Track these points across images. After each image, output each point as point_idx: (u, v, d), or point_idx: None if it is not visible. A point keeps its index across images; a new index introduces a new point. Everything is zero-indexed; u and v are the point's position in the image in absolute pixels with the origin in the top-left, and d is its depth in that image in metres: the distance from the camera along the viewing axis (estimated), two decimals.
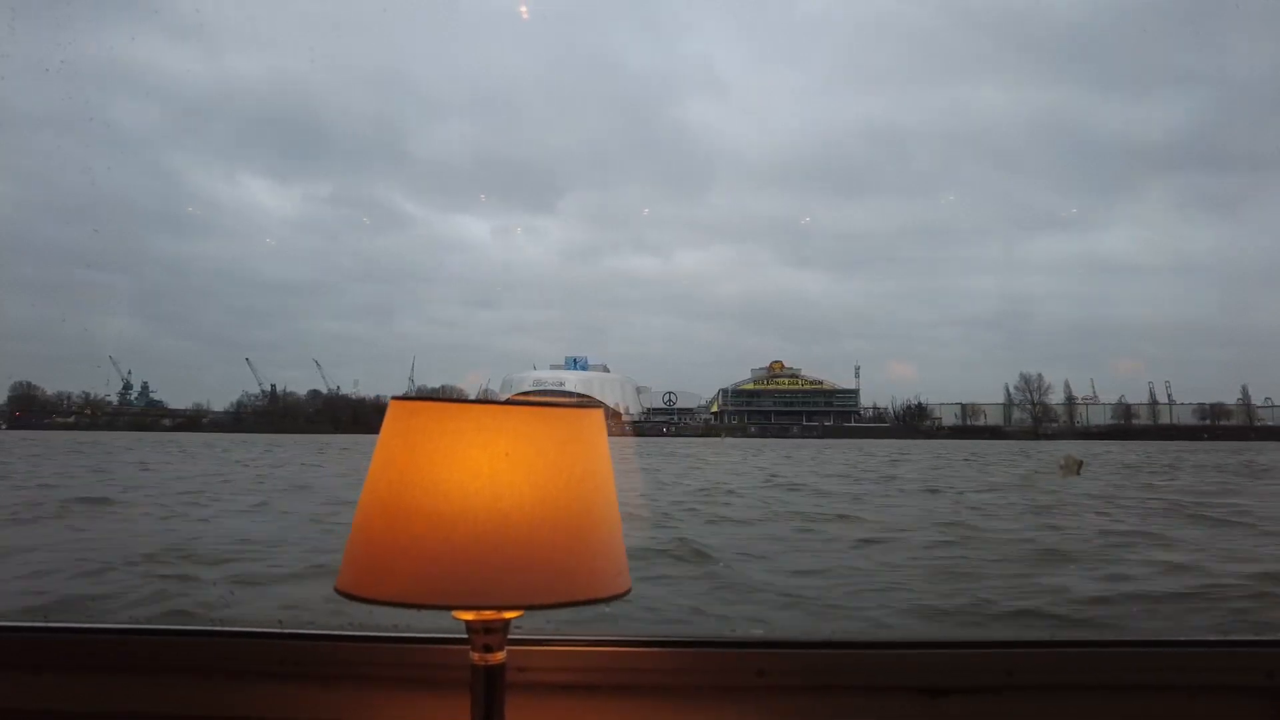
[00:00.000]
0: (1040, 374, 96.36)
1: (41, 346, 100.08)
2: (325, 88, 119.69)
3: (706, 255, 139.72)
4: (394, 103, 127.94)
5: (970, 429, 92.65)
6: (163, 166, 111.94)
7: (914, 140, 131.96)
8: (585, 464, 0.88)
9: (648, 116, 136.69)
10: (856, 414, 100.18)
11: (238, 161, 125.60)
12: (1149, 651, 1.27)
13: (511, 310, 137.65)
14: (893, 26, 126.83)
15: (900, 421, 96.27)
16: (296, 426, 76.79)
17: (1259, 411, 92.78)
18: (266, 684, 1.23)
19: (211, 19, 79.79)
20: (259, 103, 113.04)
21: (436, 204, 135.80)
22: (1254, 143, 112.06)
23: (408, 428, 0.87)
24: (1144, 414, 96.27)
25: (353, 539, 0.88)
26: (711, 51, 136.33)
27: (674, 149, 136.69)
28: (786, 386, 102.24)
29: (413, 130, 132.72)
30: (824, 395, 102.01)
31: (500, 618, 0.88)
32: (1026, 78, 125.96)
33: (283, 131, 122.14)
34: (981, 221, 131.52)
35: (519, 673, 1.18)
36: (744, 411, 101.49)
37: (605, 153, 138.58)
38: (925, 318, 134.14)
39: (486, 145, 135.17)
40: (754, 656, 1.23)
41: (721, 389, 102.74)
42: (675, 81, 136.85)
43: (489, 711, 0.90)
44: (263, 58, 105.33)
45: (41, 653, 1.27)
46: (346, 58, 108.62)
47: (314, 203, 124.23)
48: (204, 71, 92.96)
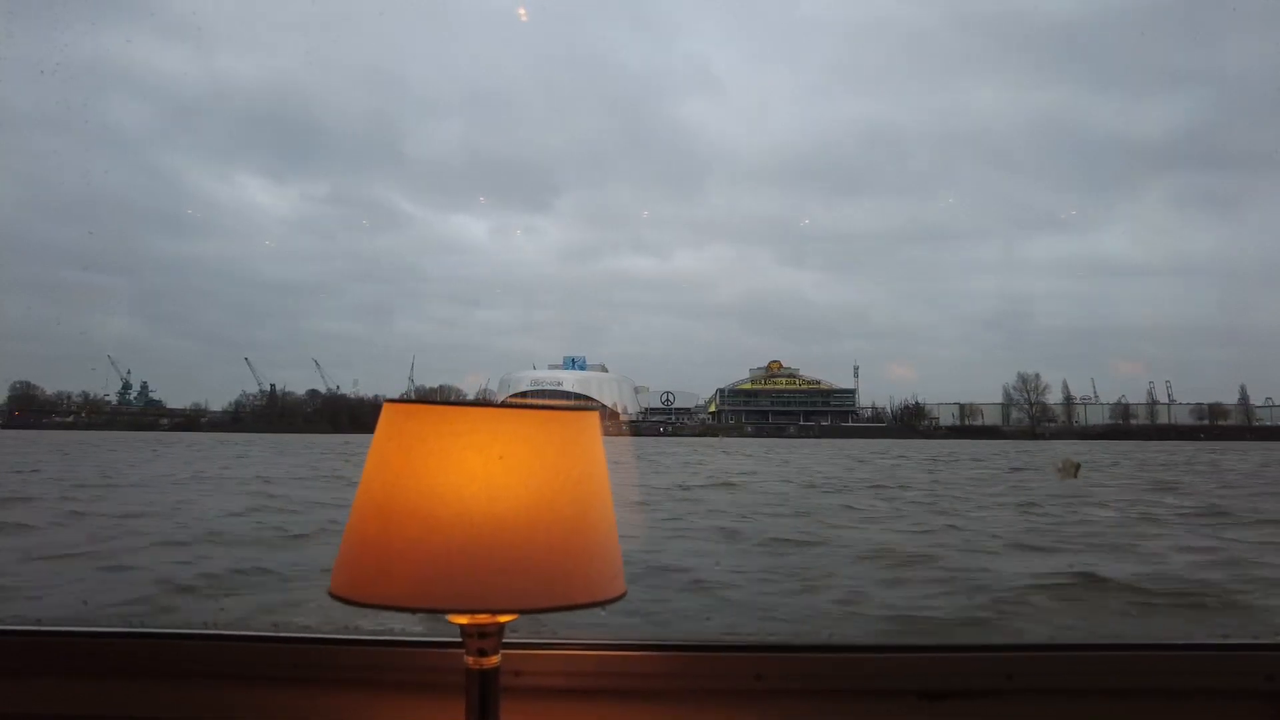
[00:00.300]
0: (1038, 374, 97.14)
1: (41, 346, 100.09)
2: (321, 87, 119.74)
3: (705, 255, 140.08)
4: (389, 102, 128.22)
5: (968, 429, 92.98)
6: (159, 166, 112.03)
7: (912, 140, 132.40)
8: (581, 467, 0.88)
9: (644, 116, 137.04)
10: (854, 414, 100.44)
11: (235, 161, 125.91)
12: (1148, 655, 1.26)
13: (511, 310, 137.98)
14: (890, 27, 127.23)
15: (898, 421, 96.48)
16: (295, 426, 76.77)
17: (1258, 411, 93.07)
18: (262, 687, 1.23)
19: (206, 19, 79.65)
20: (255, 102, 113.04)
21: (434, 204, 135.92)
22: (1252, 141, 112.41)
23: (402, 430, 0.86)
24: (1143, 414, 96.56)
25: (346, 542, 0.87)
26: (708, 51, 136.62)
27: (670, 149, 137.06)
28: (784, 386, 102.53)
29: (409, 130, 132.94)
30: (821, 395, 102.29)
31: (495, 621, 0.88)
32: (1024, 78, 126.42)
33: (279, 131, 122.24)
34: (981, 222, 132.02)
35: (514, 676, 1.18)
36: (741, 411, 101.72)
37: (602, 152, 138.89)
38: (926, 318, 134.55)
39: (483, 145, 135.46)
40: (751, 661, 1.23)
41: (719, 389, 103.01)
42: (671, 81, 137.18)
43: (484, 715, 0.89)
44: (257, 57, 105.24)
45: (36, 656, 1.26)
46: (342, 57, 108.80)
47: (311, 202, 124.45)
48: (199, 71, 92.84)
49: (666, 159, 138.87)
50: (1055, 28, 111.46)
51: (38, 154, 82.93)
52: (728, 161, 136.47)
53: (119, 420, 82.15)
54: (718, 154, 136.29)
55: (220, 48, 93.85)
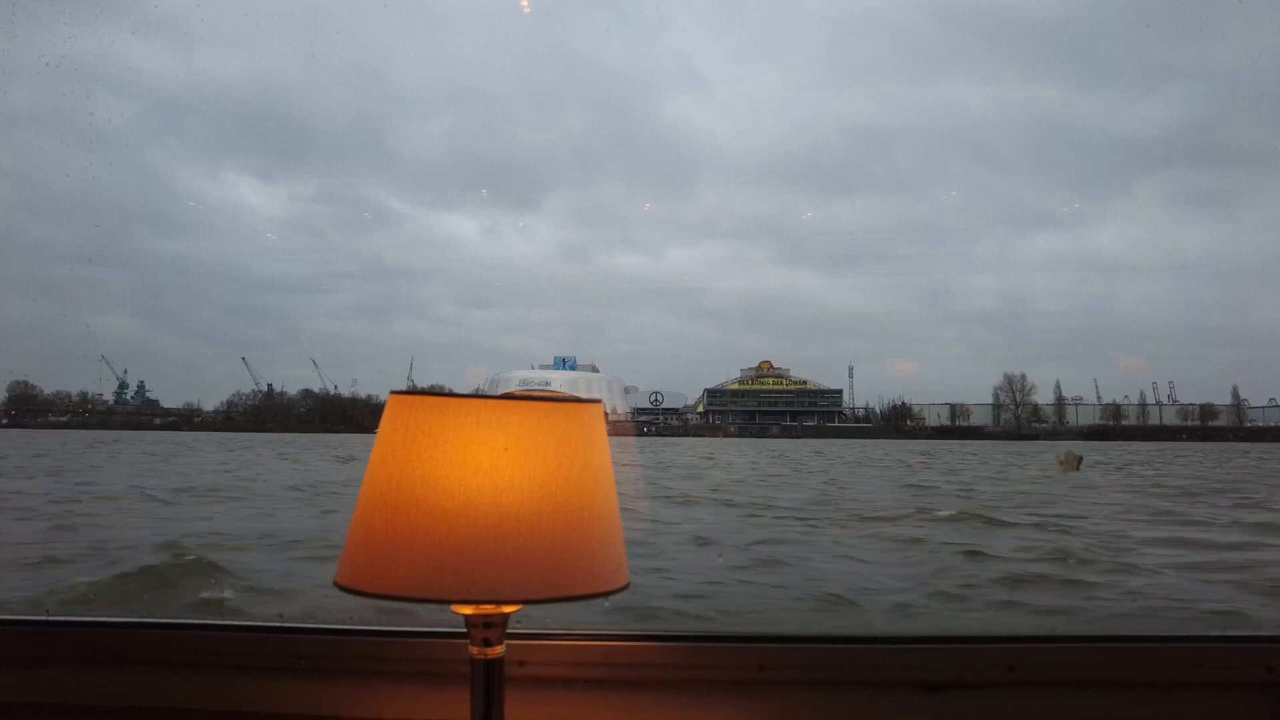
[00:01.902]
0: (1024, 375, 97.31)
1: (40, 345, 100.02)
2: (306, 85, 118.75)
3: (698, 254, 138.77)
4: (374, 101, 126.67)
5: (955, 429, 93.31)
6: (149, 166, 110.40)
7: (901, 138, 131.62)
8: (585, 459, 0.88)
9: (629, 114, 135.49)
10: (840, 414, 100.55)
11: (224, 161, 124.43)
12: (1150, 647, 1.27)
13: (506, 309, 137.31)
14: (874, 21, 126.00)
15: (885, 421, 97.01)
16: (286, 425, 77.35)
17: (1266, 413, 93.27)
18: (267, 678, 1.24)
19: (187, 16, 78.81)
20: (240, 102, 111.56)
21: (424, 202, 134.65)
22: (1248, 138, 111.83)
23: (408, 422, 0.86)
24: (1134, 414, 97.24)
25: (352, 533, 0.88)
26: (690, 48, 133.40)
27: (658, 146, 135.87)
28: (771, 387, 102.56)
29: (395, 128, 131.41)
30: (809, 395, 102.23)
31: (499, 612, 0.88)
32: (1012, 74, 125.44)
33: (265, 130, 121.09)
34: (976, 220, 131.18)
35: (518, 667, 1.18)
36: (729, 411, 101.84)
37: (590, 150, 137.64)
38: (923, 316, 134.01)
39: (470, 143, 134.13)
40: (755, 652, 1.23)
41: (706, 389, 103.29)
42: (655, 79, 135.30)
43: (488, 706, 0.90)
44: (241, 56, 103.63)
45: (43, 647, 1.28)
46: (325, 56, 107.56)
47: (300, 201, 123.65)
48: (181, 69, 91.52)
49: (655, 157, 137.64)
50: (1043, 24, 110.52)
51: (25, 152, 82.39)
52: (716, 159, 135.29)
53: (112, 420, 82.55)
54: (705, 152, 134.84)
55: (202, 46, 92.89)
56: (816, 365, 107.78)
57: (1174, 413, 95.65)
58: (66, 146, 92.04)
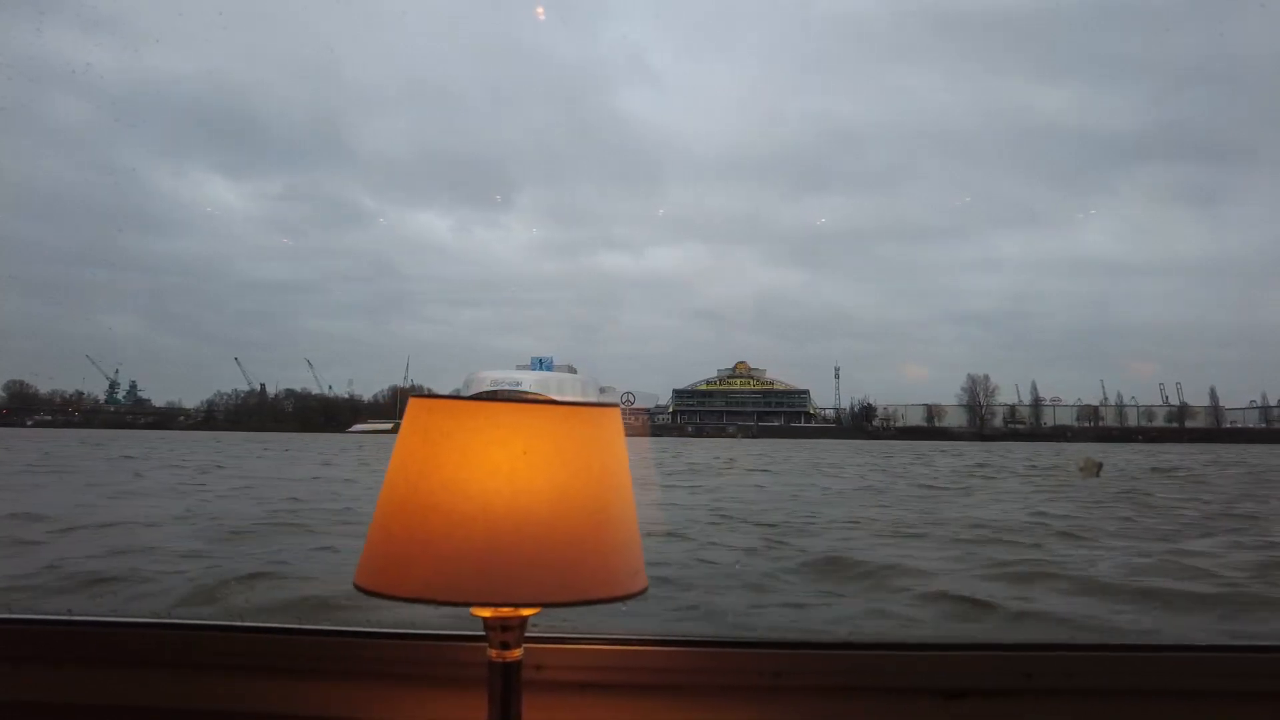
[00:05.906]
0: (986, 375, 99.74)
1: (38, 344, 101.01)
2: (258, 83, 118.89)
3: (678, 253, 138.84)
4: (330, 96, 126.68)
5: (920, 430, 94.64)
6: (115, 164, 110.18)
7: (866, 134, 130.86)
8: (603, 462, 0.89)
9: (586, 109, 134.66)
10: (807, 414, 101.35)
11: (190, 158, 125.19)
12: (1168, 656, 1.25)
13: (495, 309, 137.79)
14: (867, 19, 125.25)
15: (850, 422, 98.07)
16: (265, 425, 79.45)
17: (1228, 414, 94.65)
18: (285, 680, 1.24)
19: (130, 13, 78.49)
20: (196, 100, 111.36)
21: (395, 200, 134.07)
22: (1244, 135, 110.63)
23: (426, 425, 0.87)
24: (1111, 416, 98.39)
25: (371, 536, 0.88)
26: (640, 40, 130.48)
27: (620, 142, 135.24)
28: (739, 387, 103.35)
29: (354, 125, 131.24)
30: (776, 396, 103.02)
31: (517, 615, 0.88)
32: (971, 68, 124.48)
33: (223, 129, 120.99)
34: (975, 219, 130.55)
35: (536, 670, 1.18)
36: (696, 412, 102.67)
37: (553, 145, 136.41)
38: (913, 316, 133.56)
39: (433, 140, 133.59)
40: (771, 658, 1.23)
41: (675, 389, 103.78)
42: (605, 71, 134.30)
43: (506, 709, 0.90)
44: (188, 53, 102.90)
45: (64, 646, 1.29)
46: (275, 52, 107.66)
47: (267, 200, 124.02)
48: (129, 67, 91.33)
49: (618, 153, 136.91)
50: (1001, 18, 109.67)
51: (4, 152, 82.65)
52: (681, 155, 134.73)
53: (96, 418, 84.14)
54: (668, 147, 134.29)
55: (149, 44, 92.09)
56: (814, 364, 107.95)
57: (1164, 414, 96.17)
58: (32, 145, 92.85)
